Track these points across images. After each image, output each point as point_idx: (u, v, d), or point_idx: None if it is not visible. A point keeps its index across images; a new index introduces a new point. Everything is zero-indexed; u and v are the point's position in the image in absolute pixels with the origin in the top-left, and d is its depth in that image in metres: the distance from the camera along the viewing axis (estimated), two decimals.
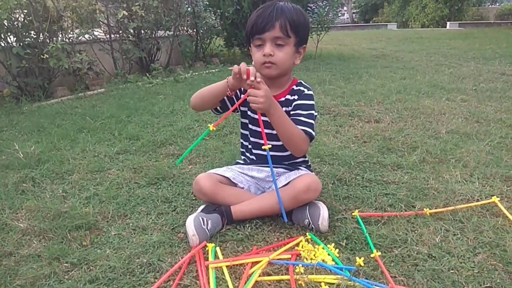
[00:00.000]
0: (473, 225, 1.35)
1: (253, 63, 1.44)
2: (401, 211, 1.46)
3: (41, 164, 1.97)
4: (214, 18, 5.55)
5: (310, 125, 1.39)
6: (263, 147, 1.32)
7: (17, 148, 2.11)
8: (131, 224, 1.43)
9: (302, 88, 1.47)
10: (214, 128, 1.33)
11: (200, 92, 1.49)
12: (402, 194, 1.58)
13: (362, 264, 1.15)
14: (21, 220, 1.48)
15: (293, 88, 1.47)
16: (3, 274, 1.17)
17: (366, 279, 1.10)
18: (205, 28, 5.44)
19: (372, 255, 1.19)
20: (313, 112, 1.42)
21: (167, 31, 5.07)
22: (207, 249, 1.26)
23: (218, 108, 1.53)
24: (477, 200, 1.52)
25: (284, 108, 1.42)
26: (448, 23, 15.27)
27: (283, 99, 1.46)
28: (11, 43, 3.56)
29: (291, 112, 1.42)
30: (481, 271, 1.12)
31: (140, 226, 1.41)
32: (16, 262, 1.23)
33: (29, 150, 2.12)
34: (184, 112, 2.88)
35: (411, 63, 5.11)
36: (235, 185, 1.49)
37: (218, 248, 1.26)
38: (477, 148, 2.04)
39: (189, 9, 5.20)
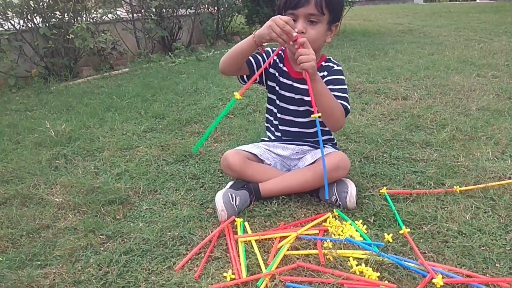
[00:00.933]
0: (504, 202, 1.33)
1: None
2: (430, 189, 1.44)
3: (72, 141, 2.03)
4: None
5: (345, 99, 1.37)
6: (312, 115, 1.23)
7: (48, 126, 2.18)
8: (161, 199, 1.47)
9: (331, 64, 1.45)
10: (241, 97, 1.23)
11: (228, 53, 1.42)
12: (431, 172, 1.55)
13: (391, 240, 1.16)
14: (56, 195, 1.54)
15: (322, 65, 1.45)
16: (43, 245, 1.23)
17: (395, 254, 1.10)
18: (226, 6, 5.38)
19: (401, 232, 1.19)
20: (345, 86, 1.41)
21: (189, 10, 5.03)
22: (235, 223, 1.29)
23: (245, 77, 1.48)
24: (509, 178, 1.49)
25: None
26: None
27: None
28: (38, 23, 3.62)
29: (332, 88, 1.37)
30: None
31: (170, 201, 1.45)
32: (54, 234, 1.29)
33: (60, 128, 2.18)
34: (208, 91, 2.89)
35: (439, 38, 4.93)
36: (262, 161, 1.50)
37: (246, 223, 1.29)
38: (509, 125, 1.97)
39: None
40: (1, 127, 2.32)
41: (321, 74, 1.42)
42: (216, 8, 5.39)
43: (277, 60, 1.50)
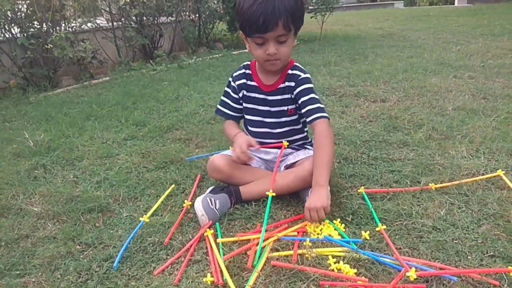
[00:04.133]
0: (477, 198, 1.37)
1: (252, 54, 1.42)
2: (407, 187, 1.48)
3: (51, 151, 2.01)
4: (216, 2, 5.51)
5: (321, 110, 1.39)
6: (267, 193, 1.29)
7: (27, 136, 2.16)
8: (141, 206, 1.47)
9: (297, 73, 1.44)
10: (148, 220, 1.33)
11: (224, 132, 1.61)
12: (407, 171, 1.59)
13: (368, 238, 1.18)
14: (35, 204, 1.52)
15: (288, 74, 1.45)
16: (22, 255, 1.22)
17: (372, 251, 1.13)
18: (207, 13, 5.41)
19: (377, 229, 1.22)
20: (315, 95, 1.43)
21: (169, 17, 5.04)
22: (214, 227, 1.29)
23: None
24: (482, 175, 1.54)
25: (285, 96, 1.45)
26: (456, 0, 14.94)
27: (282, 85, 1.45)
28: (15, 34, 3.58)
29: (299, 102, 1.42)
30: (485, 241, 1.14)
31: (151, 207, 1.45)
32: (33, 244, 1.28)
33: (39, 138, 2.16)
34: (189, 98, 2.89)
35: (418, 41, 5.04)
36: (247, 165, 1.52)
37: (218, 226, 1.30)
38: (483, 124, 2.03)
39: None
40: None
41: (288, 84, 1.44)
42: (197, 15, 5.42)
43: (245, 80, 1.52)
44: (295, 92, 1.43)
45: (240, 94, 1.54)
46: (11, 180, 1.72)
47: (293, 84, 1.43)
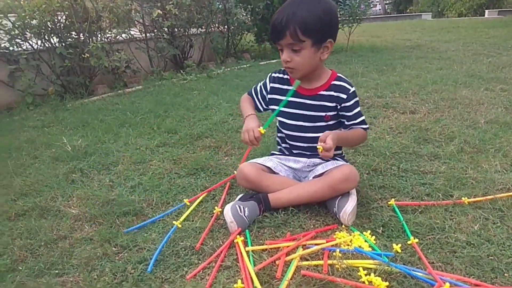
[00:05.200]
0: None
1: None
2: (439, 200, 1.46)
3: (88, 156, 2.10)
4: (244, 14, 5.61)
5: (363, 122, 1.49)
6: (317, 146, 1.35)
7: (65, 141, 2.25)
8: (174, 212, 1.51)
9: (345, 85, 1.47)
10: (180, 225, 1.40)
11: (240, 104, 1.68)
12: (439, 184, 1.57)
13: (399, 251, 1.17)
14: (72, 207, 1.59)
15: (334, 84, 1.47)
16: (60, 255, 1.28)
17: (404, 264, 1.12)
18: (236, 24, 5.51)
19: (409, 242, 1.21)
20: (359, 108, 1.49)
21: (199, 29, 5.17)
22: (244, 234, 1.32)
23: (261, 105, 1.64)
24: None
25: (326, 103, 1.47)
26: (486, 11, 14.61)
27: (325, 93, 1.47)
28: (55, 43, 3.76)
29: (347, 114, 1.47)
30: None
31: (182, 212, 1.48)
32: (71, 245, 1.34)
33: (76, 143, 2.26)
34: (218, 107, 2.95)
35: (448, 53, 4.96)
36: (276, 174, 1.54)
37: (248, 233, 1.31)
38: None
39: (220, 6, 5.28)
40: (20, 143, 2.41)
41: (336, 94, 1.47)
42: (226, 27, 5.53)
43: (280, 85, 1.56)
44: (344, 105, 1.46)
45: (269, 96, 1.58)
46: (50, 183, 1.80)
47: (344, 96, 1.46)
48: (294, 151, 1.58)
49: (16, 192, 1.73)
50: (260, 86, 1.62)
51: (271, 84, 1.57)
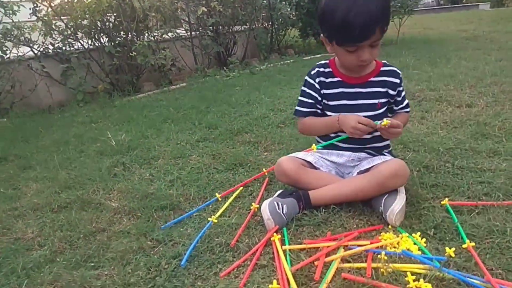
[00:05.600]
0: None
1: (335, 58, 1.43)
2: (499, 200, 1.31)
3: (131, 150, 2.13)
4: (289, 8, 5.52)
5: (408, 105, 1.51)
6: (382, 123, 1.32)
7: (110, 136, 2.31)
8: (210, 206, 1.48)
9: (394, 69, 1.45)
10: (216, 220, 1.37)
11: (311, 127, 1.51)
12: (499, 182, 1.41)
13: (453, 255, 1.05)
14: (113, 200, 1.61)
15: (383, 70, 1.43)
16: (97, 248, 1.28)
17: (457, 270, 1.00)
18: (280, 20, 5.44)
19: (464, 246, 1.08)
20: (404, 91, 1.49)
21: (243, 25, 5.16)
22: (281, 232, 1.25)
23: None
24: None
25: (378, 89, 1.43)
26: None
27: (375, 79, 1.43)
28: (104, 42, 3.90)
29: (398, 98, 1.46)
30: None
31: (219, 208, 1.45)
32: (108, 238, 1.34)
33: (120, 138, 2.31)
34: (260, 102, 2.90)
35: (508, 44, 4.57)
36: (316, 169, 1.46)
37: (286, 231, 1.25)
38: None
39: (264, 1, 5.23)
40: (68, 137, 2.51)
41: (386, 79, 1.43)
42: (270, 22, 5.47)
43: (323, 78, 1.46)
44: (398, 89, 1.45)
45: (322, 92, 1.47)
46: (93, 176, 1.84)
47: (397, 80, 1.44)
48: (343, 146, 1.48)
49: (60, 185, 1.78)
50: (303, 91, 1.50)
51: (317, 79, 1.47)
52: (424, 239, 1.15)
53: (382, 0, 1.24)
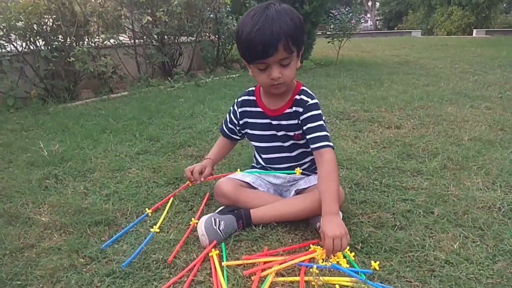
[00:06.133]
0: (493, 232, 1.32)
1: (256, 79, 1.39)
2: (420, 217, 1.44)
3: (64, 162, 2.04)
4: (235, 24, 5.61)
5: (327, 138, 1.36)
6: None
7: (42, 146, 2.19)
8: (148, 222, 1.46)
9: (304, 98, 1.40)
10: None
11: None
12: (421, 200, 1.55)
13: (378, 268, 1.14)
14: (43, 214, 1.52)
15: (296, 99, 1.41)
16: (25, 265, 1.21)
17: (381, 283, 1.09)
18: (226, 34, 5.51)
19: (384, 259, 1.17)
20: (322, 122, 1.38)
21: (190, 37, 5.15)
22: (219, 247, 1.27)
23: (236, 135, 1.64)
24: (499, 208, 1.48)
25: (291, 121, 1.42)
26: (474, 30, 14.96)
27: (289, 110, 1.41)
28: (40, 46, 3.69)
29: (304, 128, 1.39)
30: (501, 279, 1.09)
31: (157, 223, 1.43)
32: (37, 254, 1.27)
33: (53, 148, 2.19)
34: (204, 115, 2.91)
35: (435, 70, 5.02)
36: (255, 189, 1.50)
37: (224, 247, 1.27)
38: (500, 156, 1.98)
39: (211, 15, 5.27)
40: None
41: (295, 109, 1.40)
42: (217, 36, 5.52)
43: (247, 108, 1.51)
44: (301, 118, 1.39)
45: (241, 121, 1.54)
46: (22, 189, 1.74)
47: (300, 109, 1.39)
48: (267, 165, 1.54)
49: None
50: (230, 116, 1.59)
51: (240, 109, 1.53)
52: (353, 253, 1.23)
53: (290, 20, 1.25)
